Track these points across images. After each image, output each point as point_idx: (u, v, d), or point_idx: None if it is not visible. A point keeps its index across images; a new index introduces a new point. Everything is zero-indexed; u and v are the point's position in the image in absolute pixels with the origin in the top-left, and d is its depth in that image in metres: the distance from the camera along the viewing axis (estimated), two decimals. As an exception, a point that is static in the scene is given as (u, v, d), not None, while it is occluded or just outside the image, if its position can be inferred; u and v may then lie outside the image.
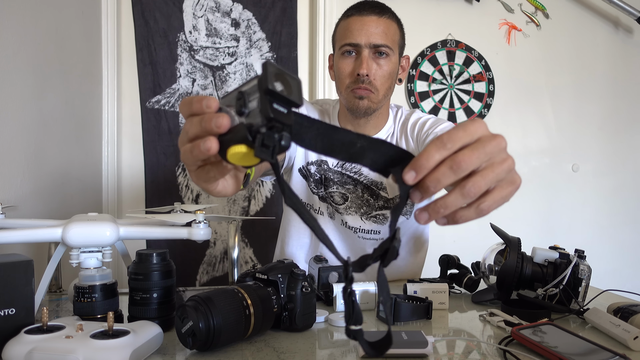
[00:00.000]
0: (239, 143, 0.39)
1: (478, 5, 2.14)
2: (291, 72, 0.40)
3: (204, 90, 2.02)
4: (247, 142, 0.38)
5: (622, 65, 2.26)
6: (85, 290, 0.71)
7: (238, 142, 0.39)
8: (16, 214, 0.96)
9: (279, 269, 0.75)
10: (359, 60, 1.11)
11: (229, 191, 0.52)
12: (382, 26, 1.11)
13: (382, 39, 1.10)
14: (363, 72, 1.09)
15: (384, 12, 1.12)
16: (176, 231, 0.77)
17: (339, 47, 1.15)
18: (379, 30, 1.10)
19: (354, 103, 1.14)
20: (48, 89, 1.40)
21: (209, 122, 0.40)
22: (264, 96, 0.37)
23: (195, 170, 0.46)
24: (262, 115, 0.37)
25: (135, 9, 1.96)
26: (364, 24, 1.10)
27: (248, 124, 0.38)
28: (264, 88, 0.37)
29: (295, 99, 0.38)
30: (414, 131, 1.20)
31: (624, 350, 0.68)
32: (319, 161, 1.23)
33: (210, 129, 0.40)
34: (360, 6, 1.13)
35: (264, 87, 0.37)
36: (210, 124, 0.40)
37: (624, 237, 2.28)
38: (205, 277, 2.04)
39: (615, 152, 2.27)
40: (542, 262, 0.90)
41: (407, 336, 0.67)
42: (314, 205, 1.24)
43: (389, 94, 1.17)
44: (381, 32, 1.11)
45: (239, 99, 0.40)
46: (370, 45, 1.10)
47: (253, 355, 0.66)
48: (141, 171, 2.01)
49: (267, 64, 0.38)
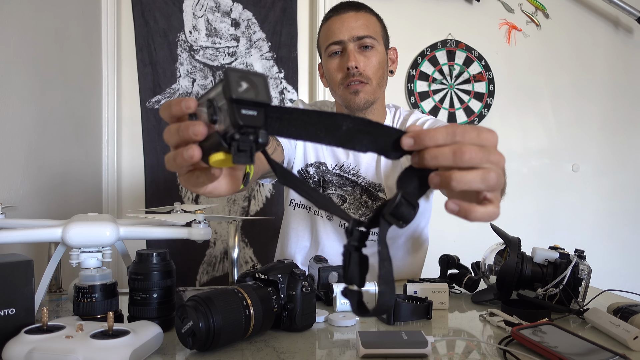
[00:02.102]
0: (217, 151, 0.39)
1: (478, 5, 2.14)
2: (253, 71, 0.40)
3: (204, 90, 2.02)
4: (224, 149, 0.39)
5: (622, 65, 2.26)
6: (85, 290, 0.71)
7: (216, 149, 0.39)
8: (16, 214, 0.96)
9: (279, 269, 0.75)
10: (345, 55, 1.13)
11: (222, 191, 0.51)
12: (361, 20, 1.13)
13: (364, 31, 1.12)
14: (352, 64, 1.10)
15: (360, 8, 1.15)
16: (176, 231, 0.77)
17: (324, 50, 1.17)
18: (359, 24, 1.13)
19: (350, 99, 1.14)
20: (48, 89, 1.40)
21: (186, 130, 0.40)
22: (231, 105, 0.37)
23: (185, 175, 0.45)
24: (232, 124, 0.38)
25: (135, 9, 1.96)
26: (343, 21, 1.13)
27: (223, 131, 0.39)
28: (228, 97, 0.37)
29: (263, 98, 0.38)
30: None
31: (624, 350, 0.68)
32: (318, 163, 1.23)
33: (188, 137, 0.40)
34: (337, 7, 1.17)
35: (228, 96, 0.37)
36: (188, 133, 0.40)
37: (623, 237, 2.28)
38: (205, 277, 2.04)
39: (615, 152, 2.27)
40: (542, 262, 0.90)
41: (407, 336, 0.67)
42: (313, 207, 1.24)
43: (382, 83, 1.17)
44: (362, 25, 1.13)
45: (209, 107, 0.40)
46: (353, 39, 1.12)
47: (253, 355, 0.66)
48: (141, 171, 2.01)
49: (227, 71, 0.38)
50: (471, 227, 2.07)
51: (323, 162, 1.23)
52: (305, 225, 1.26)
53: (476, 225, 2.00)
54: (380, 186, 1.21)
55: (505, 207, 0.47)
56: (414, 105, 2.11)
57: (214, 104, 0.39)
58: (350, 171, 1.22)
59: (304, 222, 1.26)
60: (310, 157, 1.24)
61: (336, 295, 0.86)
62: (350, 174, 1.22)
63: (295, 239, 1.27)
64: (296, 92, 2.06)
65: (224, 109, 0.38)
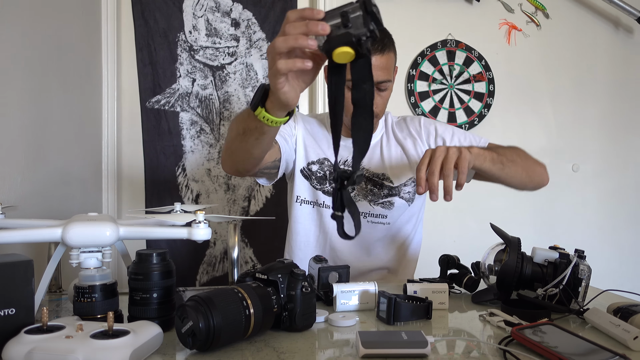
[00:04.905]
0: (346, 45, 0.60)
1: (478, 5, 2.14)
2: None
3: (204, 90, 2.02)
4: (352, 44, 0.60)
5: (622, 66, 2.26)
6: (85, 290, 0.71)
7: (345, 44, 0.60)
8: (16, 214, 0.96)
9: (279, 269, 0.75)
10: None
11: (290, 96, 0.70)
12: (384, 62, 1.14)
13: (384, 76, 1.15)
14: None
15: (385, 47, 1.15)
16: (176, 231, 0.77)
17: None
18: (382, 67, 1.14)
19: None
20: (48, 89, 1.40)
21: (315, 26, 0.60)
22: (366, 15, 0.59)
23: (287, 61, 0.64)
24: (365, 27, 0.60)
25: (135, 9, 1.96)
26: None
27: (356, 33, 0.60)
28: (370, 10, 0.59)
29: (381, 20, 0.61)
30: (419, 129, 1.32)
31: (624, 350, 0.68)
32: (321, 159, 1.28)
33: (316, 30, 0.60)
34: None
35: (369, 10, 0.59)
36: (317, 27, 0.60)
37: (624, 237, 2.28)
38: (205, 277, 2.04)
39: (616, 152, 2.27)
40: (542, 262, 0.90)
41: (407, 336, 0.67)
42: (318, 200, 1.28)
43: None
44: (383, 68, 1.14)
45: (343, 15, 0.60)
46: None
47: (253, 355, 0.66)
48: (141, 171, 2.01)
49: None
50: (471, 227, 2.08)
51: (326, 158, 1.28)
52: (312, 219, 1.30)
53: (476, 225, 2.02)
54: (384, 175, 1.28)
55: (505, 207, 0.47)
56: (414, 105, 2.11)
57: (348, 14, 0.60)
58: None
59: (311, 216, 1.30)
60: (311, 155, 1.28)
61: (336, 295, 0.86)
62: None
63: (304, 233, 1.31)
64: (296, 92, 2.06)
65: (356, 18, 0.60)
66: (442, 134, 1.31)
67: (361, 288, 0.88)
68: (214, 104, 2.02)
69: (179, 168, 2.02)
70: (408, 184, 1.30)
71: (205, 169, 2.03)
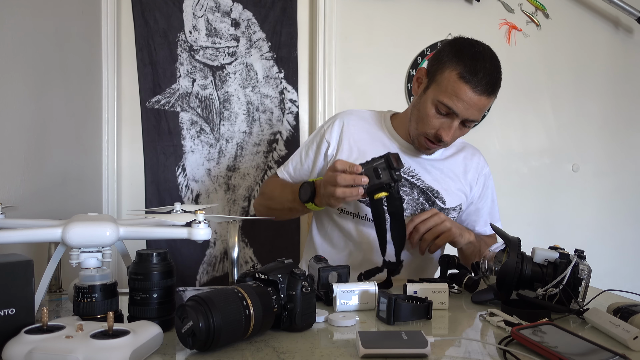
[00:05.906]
0: (382, 191, 1.00)
1: (478, 5, 2.14)
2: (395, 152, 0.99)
3: (204, 90, 2.02)
4: (386, 189, 0.99)
5: (622, 65, 2.26)
6: (85, 290, 0.71)
7: (381, 190, 0.99)
8: (16, 214, 0.96)
9: (279, 269, 0.75)
10: (446, 123, 1.14)
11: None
12: (484, 104, 1.13)
13: (476, 116, 1.14)
14: (447, 140, 1.15)
15: (494, 90, 1.13)
16: (176, 231, 0.76)
17: (436, 95, 1.14)
18: (479, 109, 1.13)
19: (422, 150, 1.24)
20: (48, 89, 1.40)
21: (360, 179, 0.96)
22: (391, 171, 0.97)
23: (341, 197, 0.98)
24: (391, 178, 0.98)
25: (135, 9, 1.96)
26: (472, 102, 1.10)
27: (386, 182, 0.98)
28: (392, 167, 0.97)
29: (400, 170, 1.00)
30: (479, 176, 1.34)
31: (624, 350, 0.68)
32: None
33: (359, 182, 0.96)
34: (478, 79, 1.10)
35: (393, 167, 0.97)
36: (360, 180, 0.96)
37: (624, 237, 2.28)
38: (205, 277, 2.04)
39: (616, 152, 2.27)
40: (542, 262, 0.90)
41: (407, 336, 0.68)
42: (361, 213, 1.25)
43: None
44: (480, 110, 1.13)
45: (375, 171, 0.97)
46: (465, 119, 1.13)
47: (253, 355, 0.66)
48: (141, 171, 2.01)
49: (389, 155, 0.97)
50: (471, 227, 2.07)
51: None
52: (350, 229, 1.27)
53: (476, 225, 1.92)
54: (438, 192, 1.26)
55: (505, 207, 0.47)
56: (414, 105, 2.11)
57: (378, 170, 0.97)
58: (409, 173, 1.26)
59: (348, 226, 1.27)
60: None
61: (336, 295, 0.87)
62: (409, 175, 1.26)
63: (340, 242, 1.29)
64: (296, 92, 2.06)
65: (384, 172, 0.97)
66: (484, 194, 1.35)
67: (361, 288, 0.88)
68: (214, 104, 2.03)
69: (179, 168, 2.02)
70: (457, 209, 1.28)
71: (205, 169, 2.03)
